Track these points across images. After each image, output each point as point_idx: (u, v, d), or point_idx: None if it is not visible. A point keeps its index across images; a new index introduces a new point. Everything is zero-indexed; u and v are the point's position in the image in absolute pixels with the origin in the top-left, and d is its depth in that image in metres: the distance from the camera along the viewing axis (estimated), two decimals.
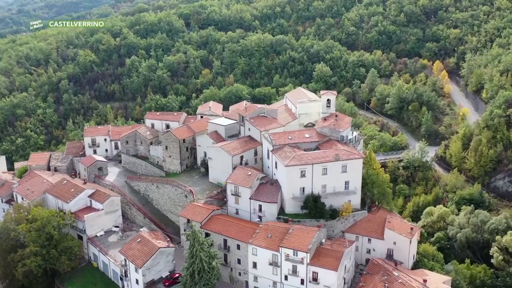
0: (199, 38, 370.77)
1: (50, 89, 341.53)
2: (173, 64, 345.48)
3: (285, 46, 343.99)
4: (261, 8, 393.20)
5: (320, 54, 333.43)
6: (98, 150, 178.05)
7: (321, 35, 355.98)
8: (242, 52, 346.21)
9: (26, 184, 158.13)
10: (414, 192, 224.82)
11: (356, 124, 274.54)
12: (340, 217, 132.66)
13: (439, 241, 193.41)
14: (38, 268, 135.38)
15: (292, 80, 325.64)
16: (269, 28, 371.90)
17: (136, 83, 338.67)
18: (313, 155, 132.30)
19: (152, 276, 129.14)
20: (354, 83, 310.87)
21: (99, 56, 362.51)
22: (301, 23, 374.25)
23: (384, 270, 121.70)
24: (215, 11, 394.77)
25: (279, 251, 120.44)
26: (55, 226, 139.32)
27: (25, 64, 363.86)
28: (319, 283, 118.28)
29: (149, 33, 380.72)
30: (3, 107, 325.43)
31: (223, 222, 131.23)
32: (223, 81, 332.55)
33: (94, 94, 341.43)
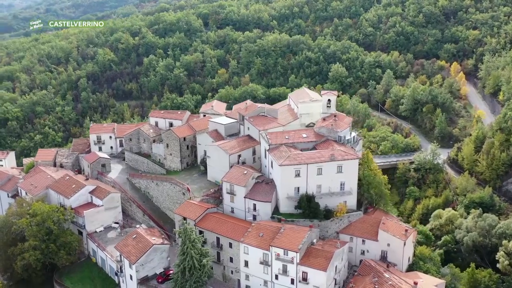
0: (216, 37, 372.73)
1: (69, 87, 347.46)
2: (190, 64, 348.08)
3: (301, 46, 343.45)
4: (279, 8, 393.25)
5: (337, 55, 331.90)
6: (104, 147, 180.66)
7: (338, 36, 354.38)
8: (259, 52, 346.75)
9: (31, 180, 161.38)
10: (424, 194, 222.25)
11: (369, 125, 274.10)
12: (334, 218, 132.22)
13: (446, 244, 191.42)
14: (37, 262, 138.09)
15: (307, 80, 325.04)
16: (286, 28, 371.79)
17: (153, 82, 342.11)
18: (308, 155, 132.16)
19: (146, 272, 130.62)
20: (370, 84, 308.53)
21: (118, 55, 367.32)
22: (319, 23, 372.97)
23: (375, 271, 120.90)
24: (234, 11, 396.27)
25: (269, 250, 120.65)
26: (55, 221, 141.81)
27: (46, 63, 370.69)
28: (309, 283, 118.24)
29: (167, 33, 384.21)
30: (23, 104, 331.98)
31: (217, 220, 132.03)
32: (239, 80, 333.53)
33: (112, 92, 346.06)
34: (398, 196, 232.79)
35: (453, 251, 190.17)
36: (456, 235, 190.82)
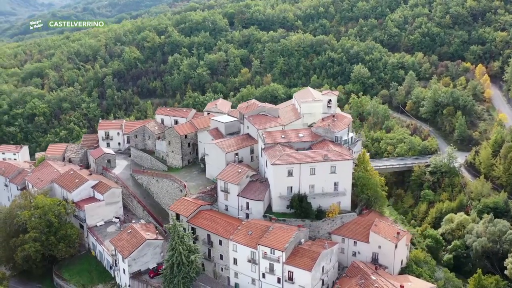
0: (241, 37, 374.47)
1: (96, 84, 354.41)
2: (214, 63, 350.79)
3: (325, 46, 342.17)
4: (304, 8, 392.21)
5: (360, 55, 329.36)
6: (111, 143, 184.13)
7: (363, 36, 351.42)
8: (282, 51, 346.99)
9: (37, 173, 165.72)
10: (439, 198, 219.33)
11: (387, 127, 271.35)
12: (326, 218, 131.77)
13: (456, 249, 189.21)
14: (36, 253, 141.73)
15: (329, 81, 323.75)
16: (311, 29, 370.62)
17: (177, 80, 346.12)
18: (301, 154, 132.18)
19: (139, 267, 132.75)
20: (392, 86, 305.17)
21: (143, 53, 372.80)
22: (344, 23, 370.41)
23: (363, 273, 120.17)
24: (259, 10, 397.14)
25: (257, 249, 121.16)
26: (56, 214, 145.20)
27: (75, 60, 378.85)
28: (294, 282, 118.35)
29: (193, 32, 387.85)
30: (51, 100, 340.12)
31: (209, 218, 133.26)
32: (261, 80, 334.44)
33: (137, 90, 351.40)
34: (412, 199, 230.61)
35: (462, 256, 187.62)
36: (466, 240, 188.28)
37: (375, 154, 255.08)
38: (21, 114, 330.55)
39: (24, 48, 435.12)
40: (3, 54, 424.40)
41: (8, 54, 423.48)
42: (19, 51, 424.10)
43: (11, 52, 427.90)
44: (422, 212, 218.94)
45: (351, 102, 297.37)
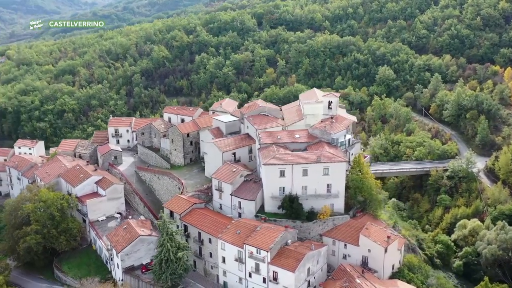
0: (268, 37, 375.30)
1: (124, 82, 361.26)
2: (240, 62, 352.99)
3: (351, 47, 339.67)
4: (333, 8, 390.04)
5: (386, 57, 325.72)
6: (121, 140, 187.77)
7: (390, 38, 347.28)
8: (308, 52, 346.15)
9: (46, 168, 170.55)
10: (455, 203, 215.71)
11: (408, 129, 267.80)
12: (317, 220, 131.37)
13: (466, 256, 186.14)
14: (38, 245, 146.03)
15: (354, 82, 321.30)
16: (339, 29, 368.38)
17: (203, 79, 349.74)
18: (293, 155, 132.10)
19: (132, 262, 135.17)
20: (417, 88, 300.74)
21: (172, 52, 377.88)
22: (372, 24, 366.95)
23: (348, 276, 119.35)
24: (288, 11, 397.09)
25: (243, 248, 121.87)
26: (59, 207, 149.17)
27: (106, 58, 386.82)
28: (279, 283, 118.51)
29: (221, 32, 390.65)
30: (80, 97, 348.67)
31: (201, 216, 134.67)
32: (285, 80, 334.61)
33: (164, 88, 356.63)
34: (428, 203, 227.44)
35: (473, 263, 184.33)
36: (477, 247, 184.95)
37: (394, 157, 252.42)
38: (51, 110, 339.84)
39: (59, 46, 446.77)
40: (39, 52, 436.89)
41: (44, 51, 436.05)
42: (55, 49, 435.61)
43: (47, 49, 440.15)
44: (437, 217, 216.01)
45: (373, 104, 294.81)
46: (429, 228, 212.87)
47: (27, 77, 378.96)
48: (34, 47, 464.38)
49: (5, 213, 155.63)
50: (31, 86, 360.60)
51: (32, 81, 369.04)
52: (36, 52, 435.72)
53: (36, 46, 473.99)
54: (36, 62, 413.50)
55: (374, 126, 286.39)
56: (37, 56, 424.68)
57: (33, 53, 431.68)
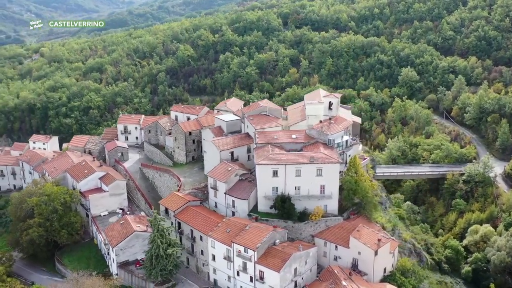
0: (293, 37, 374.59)
1: (149, 80, 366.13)
2: (263, 62, 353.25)
3: (375, 48, 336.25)
4: (359, 9, 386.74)
5: (410, 58, 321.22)
6: (130, 137, 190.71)
7: (416, 39, 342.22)
8: (332, 52, 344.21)
9: (54, 163, 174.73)
10: (470, 208, 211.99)
11: (427, 132, 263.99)
12: (308, 221, 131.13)
13: (476, 262, 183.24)
14: (40, 238, 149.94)
15: (376, 83, 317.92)
16: (364, 30, 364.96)
17: (226, 78, 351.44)
18: (287, 155, 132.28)
19: (127, 257, 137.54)
20: (439, 90, 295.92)
21: (197, 51, 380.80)
22: (398, 25, 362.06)
23: (335, 278, 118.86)
24: (314, 11, 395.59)
25: (232, 247, 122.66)
26: (62, 202, 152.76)
27: (133, 56, 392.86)
28: (265, 282, 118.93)
29: (247, 31, 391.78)
30: (106, 94, 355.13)
31: (194, 213, 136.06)
32: (308, 81, 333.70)
33: (187, 87, 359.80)
34: (443, 207, 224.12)
35: (482, 270, 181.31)
36: (487, 253, 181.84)
37: (412, 159, 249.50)
38: (77, 106, 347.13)
39: (90, 44, 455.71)
40: (70, 50, 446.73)
41: (75, 49, 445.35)
42: (85, 47, 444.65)
43: (78, 47, 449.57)
44: (451, 221, 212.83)
45: (394, 106, 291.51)
46: (442, 232, 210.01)
47: (57, 74, 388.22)
48: (66, 45, 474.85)
49: (11, 206, 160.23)
50: (60, 83, 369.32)
51: (61, 78, 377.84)
52: (68, 49, 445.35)
53: (68, 43, 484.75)
54: (66, 59, 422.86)
55: (393, 128, 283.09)
56: (68, 53, 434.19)
57: (64, 50, 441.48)
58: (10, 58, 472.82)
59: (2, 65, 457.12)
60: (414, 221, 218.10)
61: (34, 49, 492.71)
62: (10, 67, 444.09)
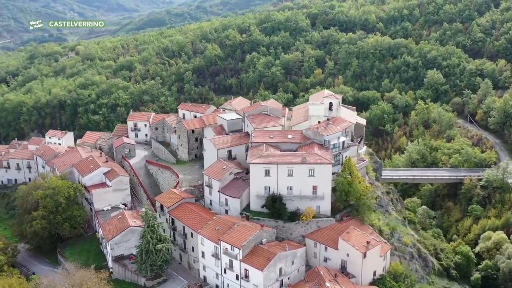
0: (320, 38, 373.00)
1: (176, 79, 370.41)
2: (289, 62, 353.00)
3: (402, 50, 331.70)
4: (388, 10, 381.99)
5: (437, 60, 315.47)
6: (139, 134, 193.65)
7: (445, 41, 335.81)
8: (358, 54, 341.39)
9: (63, 157, 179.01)
10: (486, 214, 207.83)
11: (449, 136, 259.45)
12: (299, 221, 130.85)
13: (486, 269, 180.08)
14: (43, 230, 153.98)
15: (401, 85, 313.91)
16: (392, 31, 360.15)
17: (251, 78, 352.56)
18: (279, 155, 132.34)
19: (122, 251, 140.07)
20: (465, 93, 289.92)
21: (224, 51, 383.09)
22: (428, 27, 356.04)
23: (319, 279, 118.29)
24: (343, 11, 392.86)
25: (219, 244, 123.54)
26: (66, 195, 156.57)
27: (162, 55, 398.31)
28: (249, 281, 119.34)
29: (274, 31, 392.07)
30: (133, 92, 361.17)
31: (187, 210, 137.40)
32: (332, 82, 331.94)
33: (213, 86, 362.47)
34: (460, 213, 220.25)
35: (492, 277, 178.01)
36: (497, 261, 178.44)
37: (431, 163, 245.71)
38: (106, 103, 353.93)
39: (122, 42, 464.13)
40: (104, 48, 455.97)
41: (108, 47, 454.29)
42: (118, 46, 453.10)
43: (111, 46, 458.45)
44: (466, 227, 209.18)
45: (417, 108, 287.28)
46: (456, 238, 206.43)
47: (88, 72, 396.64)
48: (101, 43, 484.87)
49: (18, 198, 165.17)
50: (90, 80, 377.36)
51: (92, 76, 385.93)
52: (101, 48, 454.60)
53: (102, 42, 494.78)
54: (99, 57, 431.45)
55: (415, 131, 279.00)
56: (101, 52, 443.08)
57: (98, 49, 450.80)
58: (47, 56, 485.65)
59: (39, 62, 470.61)
60: (429, 225, 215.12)
61: (71, 47, 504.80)
62: (46, 64, 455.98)
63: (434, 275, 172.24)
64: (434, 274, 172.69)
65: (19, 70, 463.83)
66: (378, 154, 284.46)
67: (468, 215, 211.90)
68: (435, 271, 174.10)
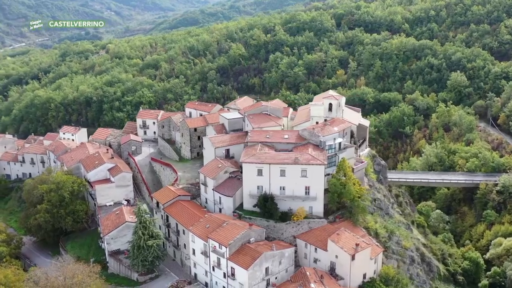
0: (344, 38, 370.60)
1: (200, 78, 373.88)
2: (311, 63, 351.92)
3: (426, 51, 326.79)
4: (415, 11, 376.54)
5: (462, 62, 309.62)
6: (148, 131, 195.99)
7: (471, 42, 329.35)
8: (382, 55, 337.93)
9: (72, 153, 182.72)
10: (500, 220, 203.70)
11: (468, 139, 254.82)
12: (290, 221, 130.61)
13: (494, 276, 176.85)
14: (46, 223, 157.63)
15: (423, 87, 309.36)
16: (418, 32, 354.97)
17: (274, 78, 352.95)
18: (272, 155, 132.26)
19: (118, 246, 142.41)
20: (489, 96, 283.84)
21: (249, 51, 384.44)
22: (454, 28, 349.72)
23: (304, 280, 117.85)
24: (368, 12, 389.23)
25: (208, 242, 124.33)
26: (69, 190, 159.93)
27: (187, 54, 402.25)
28: (235, 279, 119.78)
29: (299, 31, 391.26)
30: (158, 90, 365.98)
31: (181, 207, 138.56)
32: (354, 82, 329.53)
33: (237, 85, 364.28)
34: (474, 218, 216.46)
35: (499, 285, 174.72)
36: (505, 268, 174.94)
37: (449, 167, 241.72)
38: (130, 101, 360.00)
39: (151, 41, 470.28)
40: (133, 46, 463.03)
41: (137, 46, 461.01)
42: (146, 44, 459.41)
43: (139, 44, 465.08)
44: (479, 233, 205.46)
45: (438, 111, 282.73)
46: (469, 243, 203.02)
47: (115, 70, 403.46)
48: (130, 42, 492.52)
49: (24, 191, 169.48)
50: (117, 78, 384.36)
51: (119, 73, 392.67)
52: (130, 46, 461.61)
53: (132, 41, 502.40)
54: (127, 56, 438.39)
55: (435, 134, 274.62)
56: (129, 50, 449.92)
57: (127, 47, 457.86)
58: (78, 54, 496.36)
59: (70, 60, 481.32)
60: (442, 230, 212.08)
61: (102, 45, 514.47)
62: (77, 62, 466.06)
63: (439, 280, 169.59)
64: (439, 279, 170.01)
65: (51, 67, 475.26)
66: (396, 156, 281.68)
67: (482, 221, 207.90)
68: (441, 276, 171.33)
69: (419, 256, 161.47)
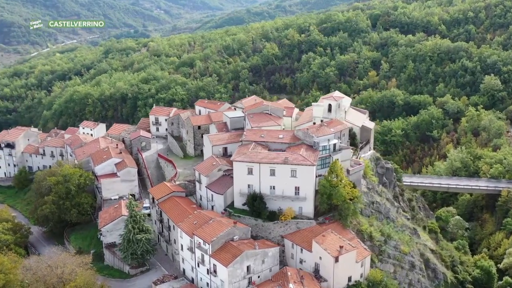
0: (379, 39, 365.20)
1: (233, 76, 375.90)
2: (343, 63, 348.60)
3: (461, 54, 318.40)
4: (453, 12, 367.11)
5: (497, 66, 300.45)
6: (160, 128, 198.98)
7: (509, 45, 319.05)
8: (416, 56, 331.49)
9: (85, 147, 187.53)
10: None
11: (496, 145, 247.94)
12: (277, 221, 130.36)
13: (505, 286, 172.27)
14: (52, 214, 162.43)
15: (456, 90, 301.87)
16: (455, 34, 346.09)
17: (305, 78, 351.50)
18: (262, 154, 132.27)
19: (114, 239, 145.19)
20: None
21: (282, 50, 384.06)
22: (493, 30, 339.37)
23: (284, 280, 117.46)
24: (405, 12, 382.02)
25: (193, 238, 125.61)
26: (76, 183, 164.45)
27: (223, 53, 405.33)
28: (217, 276, 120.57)
29: (334, 32, 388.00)
30: (191, 88, 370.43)
31: (174, 204, 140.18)
32: (386, 84, 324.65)
33: (268, 85, 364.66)
34: (494, 226, 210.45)
35: None
36: None
37: (474, 172, 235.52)
38: (163, 98, 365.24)
39: (190, 40, 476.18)
40: (172, 44, 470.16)
41: (176, 44, 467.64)
42: (185, 42, 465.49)
43: (178, 42, 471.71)
44: (497, 241, 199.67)
45: (467, 115, 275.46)
46: (485, 251, 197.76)
47: (152, 67, 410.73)
48: (170, 40, 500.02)
49: (34, 183, 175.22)
50: (152, 75, 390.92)
51: (155, 71, 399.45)
52: (169, 44, 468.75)
53: (172, 39, 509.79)
54: (166, 54, 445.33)
55: (463, 138, 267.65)
56: (168, 48, 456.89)
57: (166, 45, 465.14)
58: (121, 51, 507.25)
59: (112, 57, 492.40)
60: (460, 236, 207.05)
61: (144, 43, 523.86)
62: (118, 59, 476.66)
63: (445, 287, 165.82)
64: (445, 286, 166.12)
65: (93, 64, 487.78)
66: (422, 160, 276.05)
67: (502, 229, 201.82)
68: (447, 283, 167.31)
69: (422, 262, 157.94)
